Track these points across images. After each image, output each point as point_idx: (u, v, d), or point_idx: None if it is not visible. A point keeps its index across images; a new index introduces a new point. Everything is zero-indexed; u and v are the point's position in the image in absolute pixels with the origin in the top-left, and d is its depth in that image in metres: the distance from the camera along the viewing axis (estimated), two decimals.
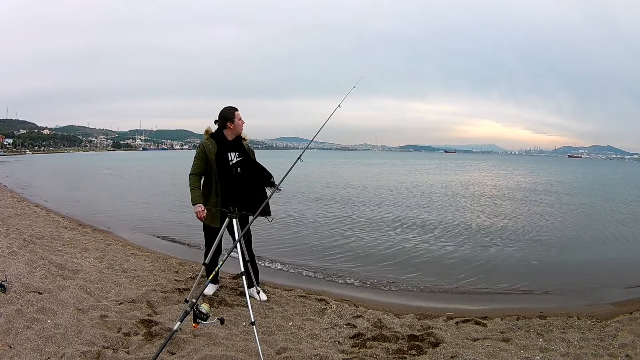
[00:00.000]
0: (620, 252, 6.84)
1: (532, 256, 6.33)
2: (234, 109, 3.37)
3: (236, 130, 3.38)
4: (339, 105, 3.65)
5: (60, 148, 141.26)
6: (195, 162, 3.38)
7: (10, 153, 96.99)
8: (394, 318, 3.65)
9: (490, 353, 2.81)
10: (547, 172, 37.69)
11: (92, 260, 4.76)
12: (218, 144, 3.34)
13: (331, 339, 3.04)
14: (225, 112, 3.35)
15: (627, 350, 2.89)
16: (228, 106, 3.39)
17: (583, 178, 29.23)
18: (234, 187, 3.37)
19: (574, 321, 3.60)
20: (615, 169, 54.73)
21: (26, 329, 2.64)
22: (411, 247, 6.79)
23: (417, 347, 2.93)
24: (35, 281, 3.55)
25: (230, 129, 3.35)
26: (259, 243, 6.64)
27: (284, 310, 3.63)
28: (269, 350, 2.74)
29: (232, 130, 3.36)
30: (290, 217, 9.33)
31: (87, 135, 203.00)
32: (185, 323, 2.48)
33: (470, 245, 6.96)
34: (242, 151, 3.42)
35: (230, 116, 3.33)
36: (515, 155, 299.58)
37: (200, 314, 2.33)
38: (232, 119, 3.33)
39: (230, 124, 3.33)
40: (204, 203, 3.35)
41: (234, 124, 3.34)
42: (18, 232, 5.77)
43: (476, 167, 45.69)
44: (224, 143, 3.36)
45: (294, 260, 5.80)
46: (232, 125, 3.34)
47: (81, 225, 7.64)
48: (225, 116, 3.34)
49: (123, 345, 2.62)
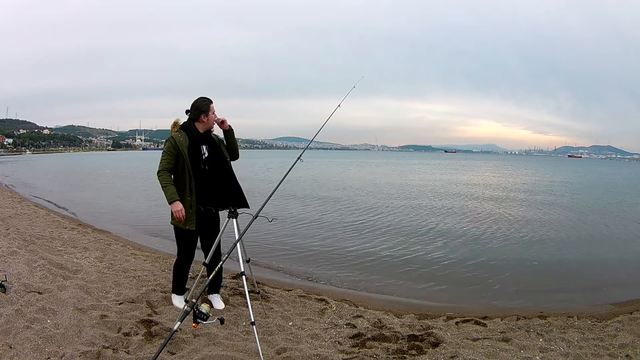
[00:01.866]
0: (620, 252, 6.84)
1: (532, 256, 6.33)
2: (210, 102, 3.14)
3: (209, 123, 3.15)
4: (339, 105, 3.64)
5: (60, 148, 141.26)
6: (165, 157, 3.05)
7: (10, 153, 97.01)
8: (394, 318, 3.65)
9: (490, 353, 2.81)
10: (549, 172, 37.75)
11: (92, 260, 4.76)
12: (189, 136, 3.09)
13: (331, 339, 3.04)
14: (201, 104, 3.11)
15: (627, 350, 2.89)
16: (203, 97, 3.15)
17: (584, 178, 29.24)
18: (207, 182, 3.15)
19: (574, 321, 3.60)
20: (617, 169, 54.72)
21: (26, 329, 2.63)
22: (411, 247, 6.79)
23: (417, 347, 2.93)
24: (35, 281, 3.54)
25: (203, 122, 3.12)
26: (259, 243, 6.65)
27: (284, 310, 3.63)
28: (269, 350, 2.73)
29: (205, 123, 3.13)
30: (291, 217, 9.33)
31: (87, 135, 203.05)
32: (185, 323, 2.48)
33: (470, 245, 6.97)
34: (213, 144, 3.19)
35: (205, 108, 3.10)
36: (515, 155, 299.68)
37: (200, 314, 2.33)
38: (207, 111, 3.10)
39: (204, 117, 3.10)
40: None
41: (208, 118, 3.12)
42: (18, 232, 5.77)
43: (479, 167, 45.66)
44: (196, 135, 3.12)
45: (294, 260, 5.81)
46: (206, 119, 3.11)
47: (81, 225, 7.64)
48: (200, 108, 3.10)
49: (123, 345, 2.62)
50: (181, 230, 3.16)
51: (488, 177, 27.58)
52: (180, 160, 3.05)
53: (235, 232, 2.85)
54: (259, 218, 2.80)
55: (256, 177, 22.28)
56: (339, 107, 3.62)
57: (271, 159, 60.48)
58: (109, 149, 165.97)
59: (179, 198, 3.00)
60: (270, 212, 3.45)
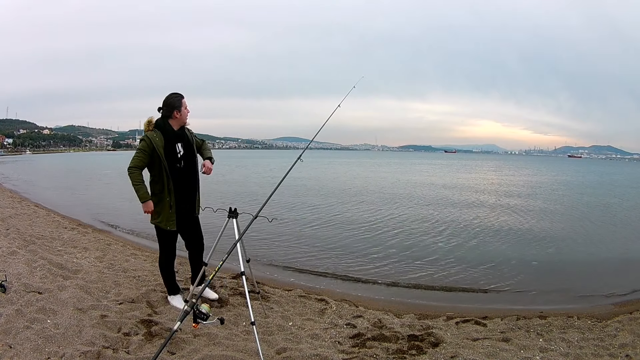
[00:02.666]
0: (620, 252, 6.84)
1: (532, 256, 6.33)
2: (181, 96, 3.13)
3: (182, 119, 3.15)
4: (339, 105, 3.65)
5: (60, 148, 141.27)
6: (138, 154, 3.01)
7: (10, 153, 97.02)
8: (394, 318, 3.65)
9: (490, 353, 2.81)
10: (550, 171, 37.76)
11: (92, 260, 4.76)
12: (164, 134, 3.07)
13: (331, 339, 3.04)
14: (172, 100, 3.09)
15: (627, 350, 2.89)
16: (174, 93, 3.14)
17: (584, 178, 29.23)
18: (184, 181, 3.17)
19: (574, 321, 3.60)
20: (618, 169, 54.71)
21: (26, 329, 2.64)
22: (412, 247, 6.79)
23: (417, 347, 2.93)
24: (35, 281, 3.54)
25: (176, 118, 3.11)
26: (259, 243, 6.65)
27: (284, 310, 3.63)
28: (269, 350, 2.74)
29: (179, 119, 3.13)
30: (291, 217, 9.33)
31: (87, 135, 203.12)
32: (185, 323, 2.48)
33: (470, 245, 6.97)
34: (186, 141, 3.20)
35: (178, 104, 3.09)
36: (515, 156, 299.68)
37: (200, 314, 2.32)
38: (179, 107, 3.10)
39: (177, 112, 3.10)
40: (157, 202, 3.11)
41: (181, 113, 3.11)
42: (18, 232, 5.77)
43: (480, 167, 45.63)
44: (171, 133, 3.10)
45: (294, 260, 5.80)
46: (179, 115, 3.11)
47: (81, 225, 7.64)
48: (172, 104, 3.08)
49: (123, 345, 2.62)
50: (162, 230, 3.19)
51: (489, 177, 27.57)
52: (157, 161, 3.04)
53: (235, 232, 2.85)
54: (259, 218, 2.80)
55: (257, 178, 22.29)
56: (339, 107, 3.63)
57: (272, 159, 60.50)
58: (109, 149, 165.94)
59: (150, 198, 3.07)
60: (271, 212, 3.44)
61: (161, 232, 3.22)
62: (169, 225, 3.14)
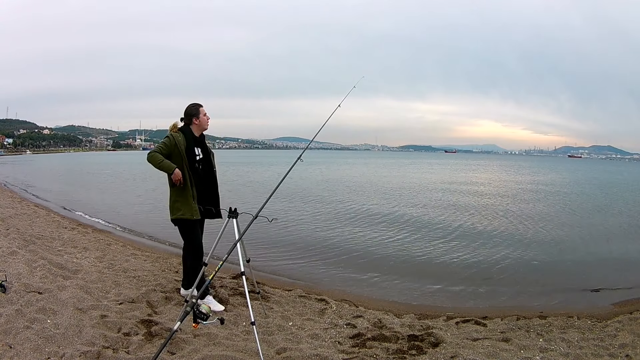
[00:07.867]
0: (621, 252, 6.83)
1: (532, 256, 6.33)
2: (199, 105, 3.44)
3: (202, 125, 3.44)
4: (339, 105, 3.65)
5: (60, 148, 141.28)
6: (159, 145, 3.29)
7: (10, 153, 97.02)
8: (394, 318, 3.65)
9: (490, 353, 2.81)
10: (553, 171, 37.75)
11: (92, 260, 4.76)
12: (187, 138, 3.36)
13: (331, 339, 3.04)
14: (190, 109, 3.41)
15: (627, 350, 2.89)
16: (192, 103, 3.44)
17: (585, 177, 29.22)
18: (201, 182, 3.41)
19: (574, 321, 3.60)
20: (617, 169, 54.68)
21: (26, 329, 2.63)
22: (412, 247, 6.79)
23: (417, 347, 2.93)
24: (35, 281, 3.54)
25: (196, 124, 3.42)
26: (259, 243, 6.65)
27: (284, 310, 3.63)
28: (269, 350, 2.73)
29: (198, 125, 3.42)
30: (291, 217, 9.33)
31: (87, 135, 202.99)
32: (185, 323, 2.48)
33: (470, 246, 6.96)
34: (205, 149, 3.49)
35: (195, 112, 3.40)
36: (515, 155, 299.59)
37: (200, 314, 2.32)
38: (197, 114, 3.40)
39: (196, 119, 3.40)
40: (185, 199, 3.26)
41: (199, 119, 3.41)
42: (18, 232, 5.77)
43: (482, 167, 45.61)
44: (192, 138, 3.40)
45: (294, 260, 5.81)
46: (198, 121, 3.40)
47: (81, 225, 7.64)
48: (190, 113, 3.41)
49: (123, 345, 2.62)
50: (187, 222, 3.31)
51: (490, 176, 27.56)
52: (178, 157, 3.25)
53: (235, 232, 2.85)
54: (259, 218, 2.80)
55: (258, 177, 22.28)
56: (339, 107, 3.62)
57: (273, 159, 60.46)
58: (109, 149, 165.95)
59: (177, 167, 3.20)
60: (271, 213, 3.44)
61: (186, 225, 3.33)
62: (194, 215, 3.29)
